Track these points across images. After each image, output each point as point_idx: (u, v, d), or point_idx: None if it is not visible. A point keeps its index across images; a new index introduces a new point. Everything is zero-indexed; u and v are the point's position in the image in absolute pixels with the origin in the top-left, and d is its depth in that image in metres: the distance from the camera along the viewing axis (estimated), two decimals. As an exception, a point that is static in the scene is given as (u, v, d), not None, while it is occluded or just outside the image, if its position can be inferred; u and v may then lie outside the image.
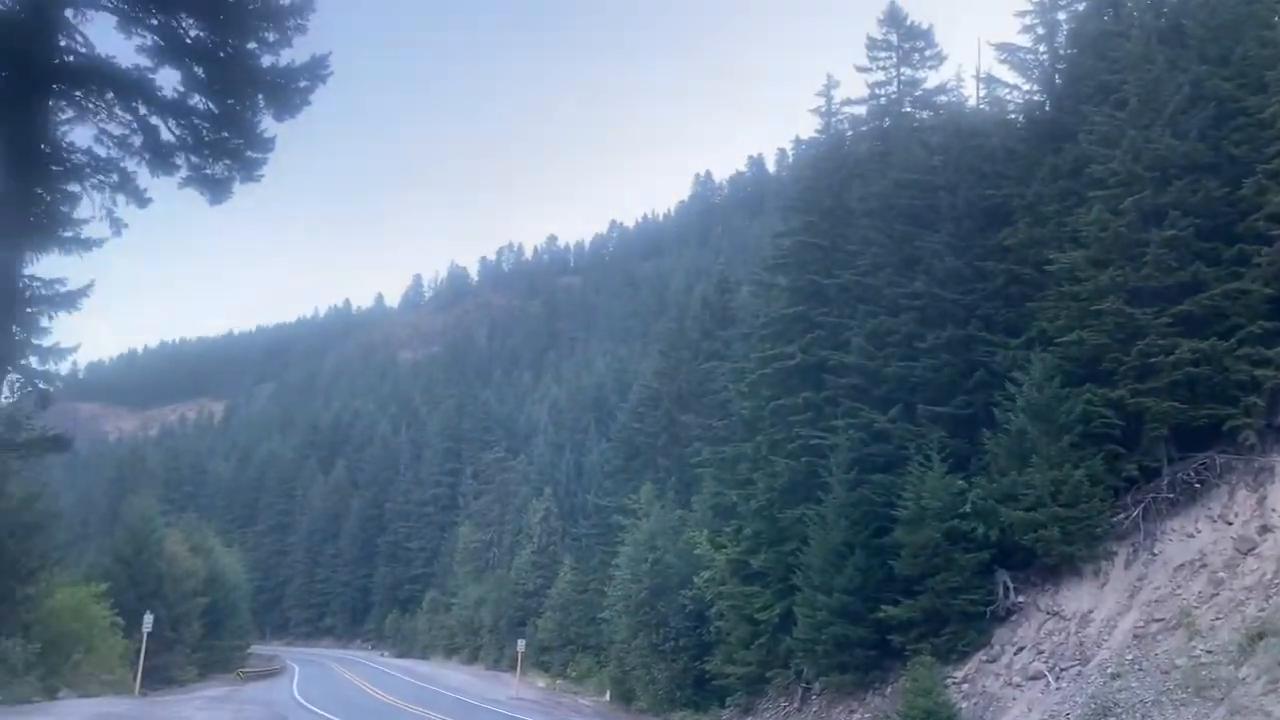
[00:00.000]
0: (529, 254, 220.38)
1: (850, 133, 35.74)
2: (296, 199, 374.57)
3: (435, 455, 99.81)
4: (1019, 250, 25.75)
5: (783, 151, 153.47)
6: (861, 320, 27.91)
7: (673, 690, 34.07)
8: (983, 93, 30.66)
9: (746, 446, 31.74)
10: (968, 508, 23.11)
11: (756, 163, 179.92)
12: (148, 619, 38.34)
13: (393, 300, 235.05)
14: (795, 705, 27.85)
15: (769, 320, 32.66)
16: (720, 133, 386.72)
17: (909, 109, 33.60)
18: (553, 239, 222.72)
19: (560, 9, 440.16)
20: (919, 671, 22.14)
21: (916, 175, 28.69)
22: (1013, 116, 30.33)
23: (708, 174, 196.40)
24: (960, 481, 23.63)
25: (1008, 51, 29.33)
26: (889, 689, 24.61)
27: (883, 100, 33.72)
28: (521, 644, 50.76)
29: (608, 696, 41.23)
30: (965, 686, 22.61)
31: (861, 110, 34.66)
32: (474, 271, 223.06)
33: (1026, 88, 30.13)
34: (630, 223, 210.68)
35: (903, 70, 33.12)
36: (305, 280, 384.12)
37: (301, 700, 36.89)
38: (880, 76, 33.31)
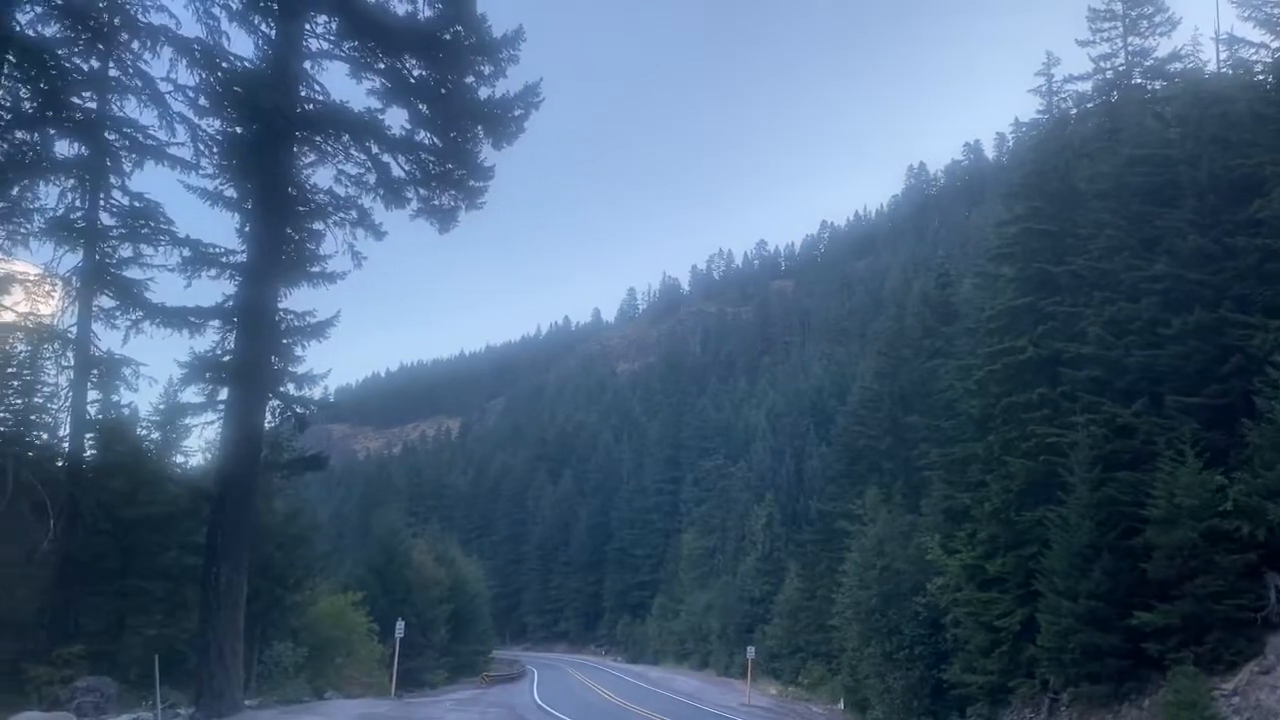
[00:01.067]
0: (739, 260, 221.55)
1: (1074, 111, 34.16)
2: (516, 221, 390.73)
3: (656, 464, 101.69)
4: (1274, 223, 23.50)
5: (1001, 136, 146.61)
6: (1098, 308, 26.34)
7: (909, 699, 33.14)
8: (1224, 55, 28.26)
9: (977, 447, 30.59)
10: (1229, 505, 21.32)
11: (973, 149, 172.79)
12: (400, 625, 40.81)
13: (609, 315, 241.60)
14: (1042, 716, 26.48)
15: (995, 313, 31.43)
16: (933, 122, 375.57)
17: (1139, 80, 31.83)
18: (762, 244, 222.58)
19: (763, 10, 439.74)
20: (1181, 683, 20.60)
21: (1151, 150, 26.89)
22: (1261, 77, 27.73)
23: (921, 165, 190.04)
24: (1219, 477, 21.82)
25: (1252, 7, 26.91)
26: (1147, 701, 23.00)
27: (1109, 74, 32.16)
28: (751, 651, 50.77)
29: (841, 705, 40.59)
30: (1236, 700, 20.80)
31: (1086, 86, 33.16)
32: (685, 281, 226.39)
33: (1276, 45, 27.53)
34: (841, 221, 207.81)
35: (1130, 40, 31.62)
36: (528, 300, 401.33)
37: (541, 703, 38.32)
38: (1105, 49, 31.95)
